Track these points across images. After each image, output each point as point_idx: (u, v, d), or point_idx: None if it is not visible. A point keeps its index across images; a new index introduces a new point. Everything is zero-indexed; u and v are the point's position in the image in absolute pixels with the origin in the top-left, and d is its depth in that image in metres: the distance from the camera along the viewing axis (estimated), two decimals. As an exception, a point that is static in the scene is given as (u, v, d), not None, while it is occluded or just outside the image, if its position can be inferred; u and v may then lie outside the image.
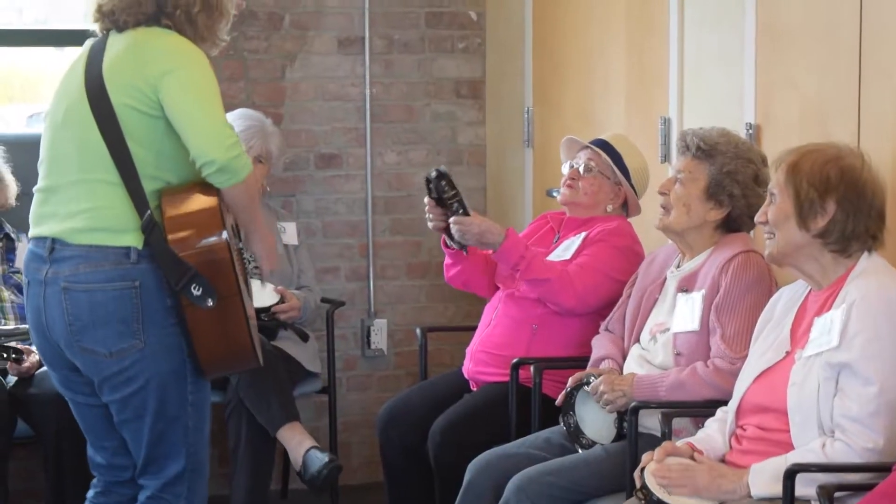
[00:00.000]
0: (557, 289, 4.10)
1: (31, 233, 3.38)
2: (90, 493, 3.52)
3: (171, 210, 3.25)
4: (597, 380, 3.70)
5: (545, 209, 4.68)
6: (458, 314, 5.54)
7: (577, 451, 3.73)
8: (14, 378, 4.48)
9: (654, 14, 4.37)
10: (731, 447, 3.21)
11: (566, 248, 4.25)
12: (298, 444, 4.48)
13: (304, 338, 4.85)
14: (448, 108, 5.61)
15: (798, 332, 3.14)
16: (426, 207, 4.24)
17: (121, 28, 3.34)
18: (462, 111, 5.62)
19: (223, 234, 3.25)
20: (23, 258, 3.46)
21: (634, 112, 4.54)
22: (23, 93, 6.27)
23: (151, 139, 3.27)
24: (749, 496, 3.01)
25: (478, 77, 5.63)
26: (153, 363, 3.29)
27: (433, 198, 4.19)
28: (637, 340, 3.82)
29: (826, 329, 3.00)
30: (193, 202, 3.28)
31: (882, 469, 2.85)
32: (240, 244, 3.46)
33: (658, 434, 3.49)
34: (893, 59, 3.30)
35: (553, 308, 4.15)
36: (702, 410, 3.47)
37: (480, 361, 4.29)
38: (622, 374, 3.73)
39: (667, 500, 3.08)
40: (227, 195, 3.29)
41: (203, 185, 3.28)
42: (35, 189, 3.41)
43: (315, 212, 5.50)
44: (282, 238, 5.02)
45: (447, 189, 4.13)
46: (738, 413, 3.20)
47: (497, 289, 4.40)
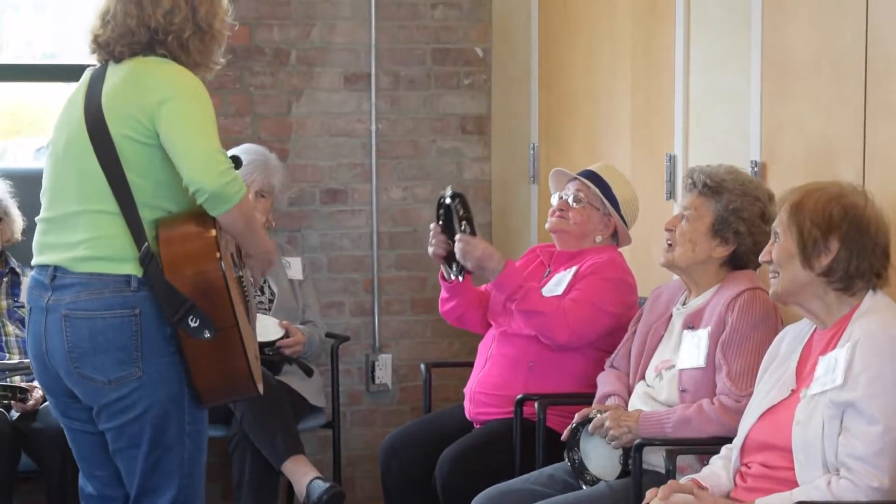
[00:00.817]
0: (552, 323, 4.10)
1: (34, 261, 3.40)
2: None
3: (168, 241, 3.26)
4: (603, 414, 3.70)
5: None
6: (463, 350, 5.54)
7: (582, 488, 3.72)
8: (18, 412, 4.47)
9: (660, 51, 4.38)
10: (736, 485, 3.20)
11: (558, 283, 4.25)
12: (303, 476, 4.47)
13: (309, 372, 4.85)
14: (454, 144, 5.63)
15: (803, 371, 3.13)
16: (431, 232, 4.24)
17: (117, 59, 3.36)
18: (468, 147, 5.64)
19: (220, 265, 3.25)
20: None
21: (640, 149, 4.55)
22: (30, 127, 6.30)
23: (149, 169, 3.28)
24: (753, 532, 3.01)
25: (483, 113, 5.64)
26: (151, 392, 3.29)
27: (440, 224, 4.19)
28: (642, 377, 3.81)
29: (831, 368, 3.00)
30: (190, 233, 3.28)
31: (887, 508, 2.85)
32: (239, 273, 3.47)
33: (662, 471, 3.48)
34: (899, 98, 3.32)
35: (546, 343, 4.15)
36: (707, 448, 3.46)
37: (480, 403, 4.28)
38: (628, 411, 3.73)
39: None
40: (224, 221, 3.29)
41: (200, 214, 3.29)
42: (38, 219, 3.44)
43: (320, 247, 5.51)
44: (287, 273, 5.03)
45: (461, 209, 4.13)
46: (743, 451, 3.20)
47: (489, 326, 4.39)
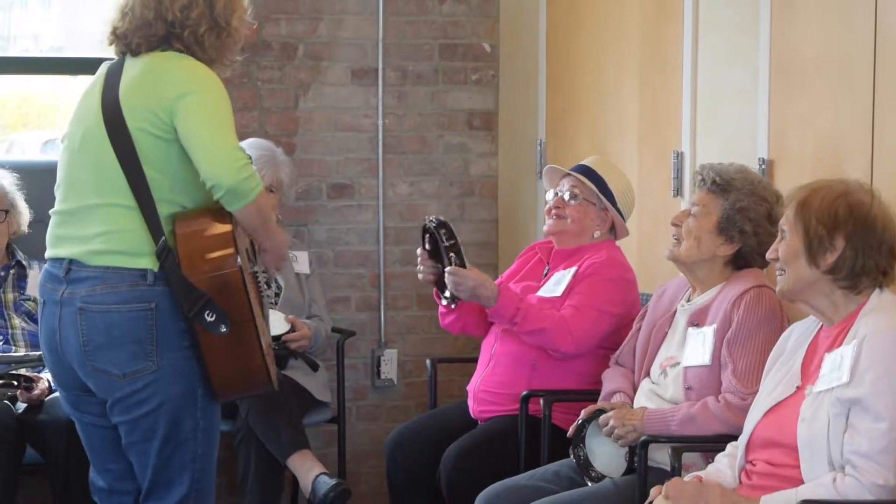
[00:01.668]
0: (555, 337, 4.09)
1: (48, 253, 3.40)
2: None
3: (185, 236, 3.27)
4: (607, 413, 3.70)
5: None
6: (468, 345, 5.54)
7: (587, 485, 3.71)
8: (24, 405, 4.48)
9: (668, 49, 4.38)
10: (741, 482, 3.20)
11: (557, 283, 4.24)
12: (308, 471, 4.48)
13: (315, 367, 4.85)
14: (461, 140, 5.62)
15: (809, 368, 3.13)
16: (418, 259, 4.22)
17: (134, 52, 3.36)
18: (475, 143, 5.63)
19: (236, 260, 3.26)
20: (34, 285, 3.47)
21: (647, 146, 4.55)
22: (38, 120, 6.30)
23: (166, 163, 3.28)
24: (758, 527, 3.01)
25: (491, 109, 5.64)
26: (165, 386, 3.30)
27: (426, 249, 4.17)
28: (647, 374, 3.81)
29: (836, 365, 3.00)
30: (206, 227, 3.29)
31: (893, 506, 2.85)
32: (254, 268, 3.47)
33: (668, 468, 3.48)
34: (907, 96, 3.32)
35: (556, 356, 4.14)
36: (712, 445, 3.46)
37: (484, 401, 4.28)
38: (633, 408, 3.72)
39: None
40: (240, 216, 3.30)
41: (216, 209, 3.30)
42: (52, 211, 3.43)
43: (327, 241, 5.51)
44: (293, 267, 5.03)
45: (446, 238, 4.10)
46: (748, 447, 3.20)
47: (491, 324, 4.38)
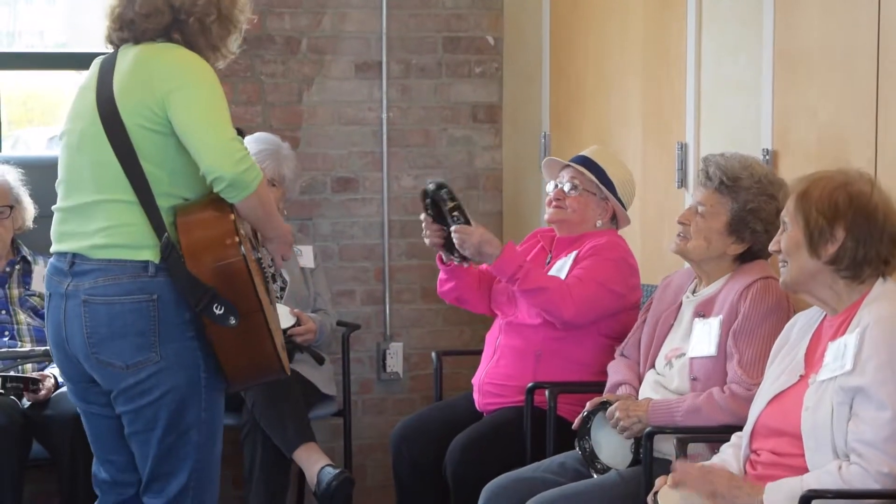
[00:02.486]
0: (556, 298, 4.08)
1: (53, 248, 3.42)
2: None
3: (187, 230, 3.27)
4: (613, 405, 3.70)
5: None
6: (474, 338, 5.54)
7: (592, 476, 3.72)
8: (29, 401, 4.49)
9: (672, 40, 4.38)
10: (746, 472, 3.20)
11: (559, 270, 4.24)
12: (314, 464, 4.48)
13: (320, 361, 4.86)
14: (465, 133, 5.62)
15: (813, 357, 3.14)
16: (423, 224, 4.22)
17: (137, 39, 3.36)
18: (479, 136, 5.63)
19: (240, 249, 3.26)
20: (39, 281, 3.48)
21: (651, 137, 4.55)
22: (42, 116, 6.31)
23: (164, 157, 3.29)
24: (763, 514, 3.01)
25: (495, 102, 5.64)
26: (169, 377, 3.30)
27: (430, 214, 4.17)
28: (652, 366, 3.81)
29: (840, 353, 3.01)
30: (208, 220, 3.29)
31: (898, 495, 2.86)
32: (258, 254, 3.47)
33: (673, 459, 3.48)
34: (910, 86, 3.31)
35: (551, 319, 4.13)
36: (717, 436, 3.46)
37: (489, 394, 4.28)
38: (638, 400, 3.73)
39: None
40: (242, 208, 3.31)
41: (217, 200, 3.30)
42: (55, 208, 3.45)
43: (331, 235, 5.51)
44: (298, 261, 5.03)
45: (447, 199, 4.11)
46: (752, 436, 3.20)
47: (489, 308, 4.39)
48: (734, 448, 3.29)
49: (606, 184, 4.26)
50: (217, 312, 3.23)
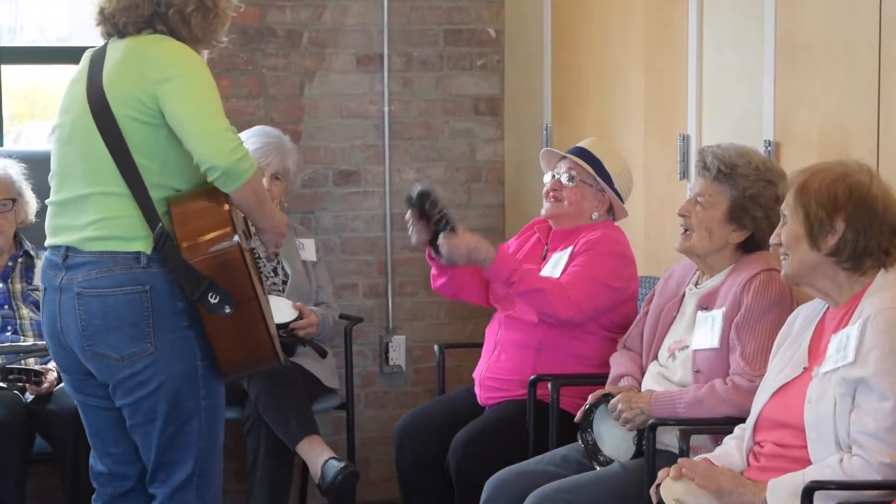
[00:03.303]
0: (552, 299, 4.07)
1: (47, 242, 3.43)
2: None
3: (181, 219, 3.27)
4: (615, 398, 3.70)
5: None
6: (477, 331, 5.52)
7: (595, 469, 3.72)
8: (32, 395, 4.49)
9: (674, 31, 4.37)
10: (749, 464, 3.21)
11: (555, 265, 4.23)
12: (318, 456, 4.48)
13: (323, 354, 4.86)
14: (466, 126, 5.61)
15: (816, 349, 3.14)
16: (408, 222, 4.20)
17: (121, 33, 3.36)
18: (480, 128, 5.62)
19: (234, 239, 3.26)
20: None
21: (653, 129, 4.54)
22: (44, 110, 6.30)
23: (155, 149, 3.29)
24: (766, 511, 3.01)
25: (496, 94, 5.63)
26: (165, 367, 3.31)
27: (416, 209, 4.13)
28: (655, 358, 3.81)
29: (842, 345, 3.01)
30: (202, 209, 3.30)
31: (900, 485, 2.85)
32: (252, 245, 3.47)
33: (676, 451, 3.49)
34: (912, 76, 3.31)
35: (551, 321, 4.13)
36: (720, 427, 3.47)
37: (491, 388, 4.28)
38: (640, 392, 3.72)
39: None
40: (235, 197, 3.30)
41: (210, 190, 3.30)
42: (48, 202, 3.46)
43: (333, 228, 5.51)
44: (301, 255, 5.03)
45: (431, 209, 4.08)
46: (756, 428, 3.20)
47: (488, 300, 4.38)
48: (737, 440, 3.29)
49: (603, 175, 4.25)
50: (212, 301, 3.23)
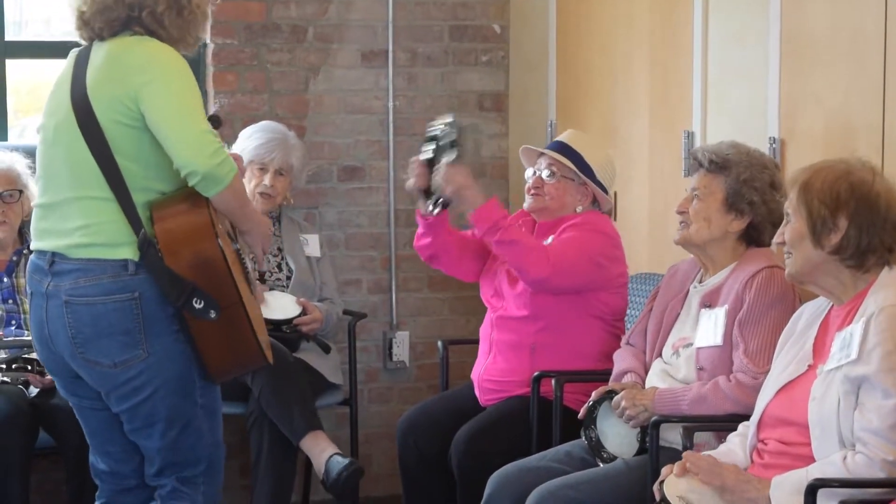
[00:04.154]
0: (532, 255, 4.04)
1: (33, 245, 3.41)
2: None
3: (163, 225, 3.26)
4: (619, 394, 3.70)
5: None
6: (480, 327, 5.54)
7: (598, 465, 3.72)
8: (36, 389, 4.50)
9: (679, 28, 4.37)
10: (753, 461, 3.20)
11: None
12: (322, 452, 4.48)
13: (326, 350, 4.86)
14: (471, 122, 5.61)
15: (821, 347, 3.13)
16: (412, 166, 4.18)
17: (99, 36, 3.34)
18: (485, 124, 5.62)
19: (217, 243, 3.25)
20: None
21: (657, 126, 4.54)
22: (48, 104, 6.30)
23: (138, 152, 3.27)
24: (770, 508, 3.01)
25: (501, 90, 5.63)
26: (159, 371, 3.30)
27: (426, 158, 4.12)
28: (659, 355, 3.81)
29: (846, 343, 3.01)
30: (184, 214, 3.28)
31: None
32: (236, 246, 3.46)
33: (680, 448, 3.48)
34: (918, 73, 3.30)
35: (526, 280, 4.08)
36: (723, 425, 3.47)
37: (489, 390, 4.29)
38: (644, 389, 3.72)
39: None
40: (217, 202, 3.29)
41: (193, 195, 3.28)
42: (34, 204, 3.45)
43: (338, 224, 5.50)
44: (304, 250, 5.03)
45: (456, 135, 4.05)
46: (760, 426, 3.20)
47: (464, 272, 4.40)
48: (741, 437, 3.29)
49: (585, 169, 4.23)
50: (197, 307, 3.22)
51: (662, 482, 3.16)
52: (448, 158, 4.07)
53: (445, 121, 4.14)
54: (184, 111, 3.23)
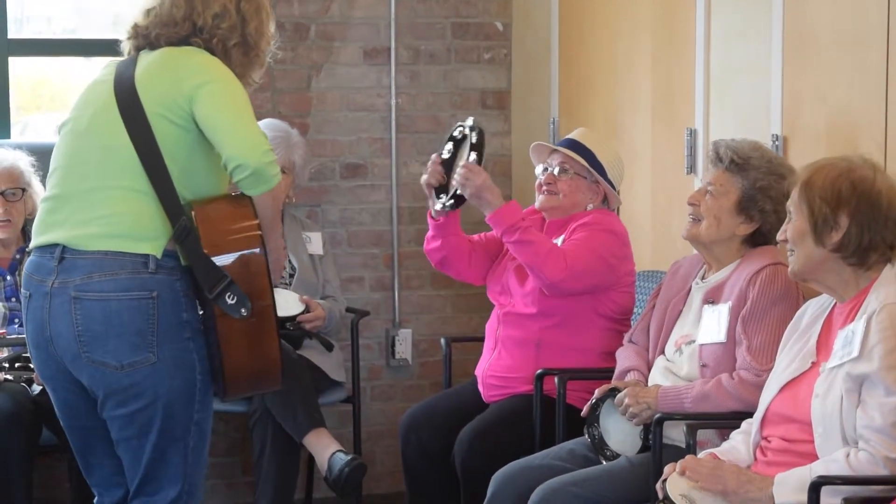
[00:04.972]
0: (548, 257, 4.05)
1: (36, 242, 3.29)
2: None
3: (205, 218, 3.19)
4: (622, 392, 3.70)
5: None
6: (483, 324, 5.51)
7: (601, 463, 3.72)
8: (39, 387, 4.50)
9: (681, 25, 4.37)
10: (756, 459, 3.20)
11: None
12: (325, 449, 4.48)
13: (329, 347, 4.86)
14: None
15: (824, 345, 3.13)
16: (430, 163, 4.20)
17: (153, 45, 3.31)
18: (488, 121, 5.61)
19: (261, 238, 3.20)
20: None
21: (660, 123, 4.54)
22: (51, 102, 6.31)
23: (179, 152, 3.21)
24: (773, 506, 3.01)
25: (504, 88, 5.63)
26: (164, 379, 3.20)
27: (441, 157, 4.14)
28: (662, 352, 3.81)
29: (848, 340, 3.01)
30: (227, 209, 3.23)
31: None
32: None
33: (683, 446, 3.48)
34: (921, 70, 3.30)
35: (540, 280, 4.08)
36: (726, 422, 3.47)
37: (493, 387, 4.28)
38: (647, 386, 3.72)
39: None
40: (257, 202, 3.22)
41: (232, 198, 3.25)
42: (43, 199, 3.35)
43: (340, 222, 5.51)
44: (307, 248, 5.03)
45: (476, 138, 4.08)
46: (763, 423, 3.20)
47: (475, 276, 4.40)
48: (744, 435, 3.29)
49: (597, 167, 4.24)
50: (229, 302, 3.14)
51: (665, 480, 3.16)
52: (467, 161, 4.07)
53: (468, 123, 4.14)
54: (241, 111, 3.21)
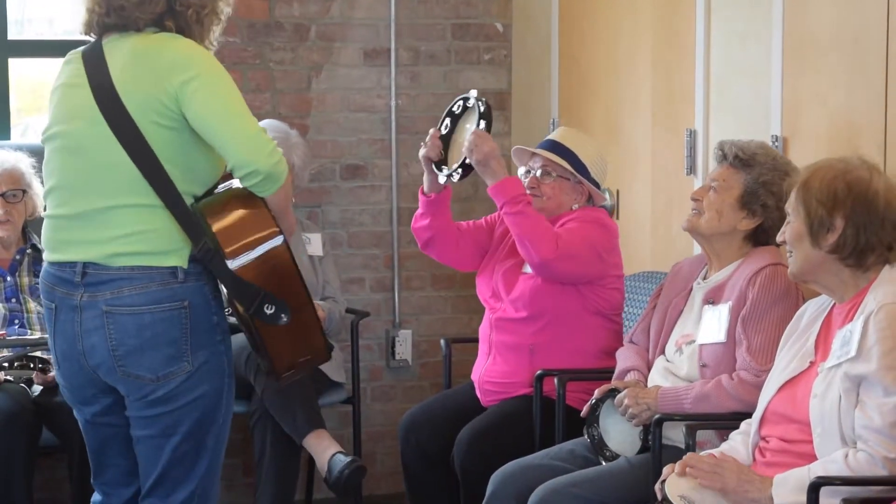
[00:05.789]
0: (542, 234, 4.03)
1: (51, 257, 3.22)
2: None
3: (224, 231, 3.11)
4: (622, 393, 3.70)
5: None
6: (483, 325, 5.54)
7: (601, 463, 3.72)
8: (39, 387, 4.50)
9: (681, 26, 4.37)
10: (755, 459, 3.20)
11: None
12: (325, 450, 4.48)
13: (329, 348, 4.85)
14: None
15: (823, 345, 3.14)
16: (428, 137, 4.19)
17: (126, 27, 3.17)
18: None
19: (285, 242, 3.13)
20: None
21: (660, 124, 4.54)
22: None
23: (177, 154, 3.13)
24: (772, 506, 3.01)
25: (504, 89, 5.63)
26: (198, 384, 3.17)
27: (443, 132, 4.15)
28: (662, 352, 3.81)
29: (846, 340, 3.01)
30: (242, 215, 3.14)
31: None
32: None
33: (682, 446, 3.49)
34: (920, 72, 3.30)
35: (530, 256, 4.06)
36: (726, 423, 3.47)
37: (490, 392, 4.28)
38: (647, 387, 3.73)
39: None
40: (271, 200, 3.16)
41: (239, 197, 3.16)
42: (48, 215, 3.24)
43: (340, 223, 5.51)
44: (307, 249, 5.03)
45: (483, 107, 4.08)
46: (762, 423, 3.20)
47: (460, 262, 4.42)
48: (743, 435, 3.29)
49: (579, 167, 4.24)
50: (268, 312, 3.09)
51: (664, 481, 3.16)
52: (476, 128, 4.06)
53: (472, 94, 4.14)
54: (235, 110, 3.11)
